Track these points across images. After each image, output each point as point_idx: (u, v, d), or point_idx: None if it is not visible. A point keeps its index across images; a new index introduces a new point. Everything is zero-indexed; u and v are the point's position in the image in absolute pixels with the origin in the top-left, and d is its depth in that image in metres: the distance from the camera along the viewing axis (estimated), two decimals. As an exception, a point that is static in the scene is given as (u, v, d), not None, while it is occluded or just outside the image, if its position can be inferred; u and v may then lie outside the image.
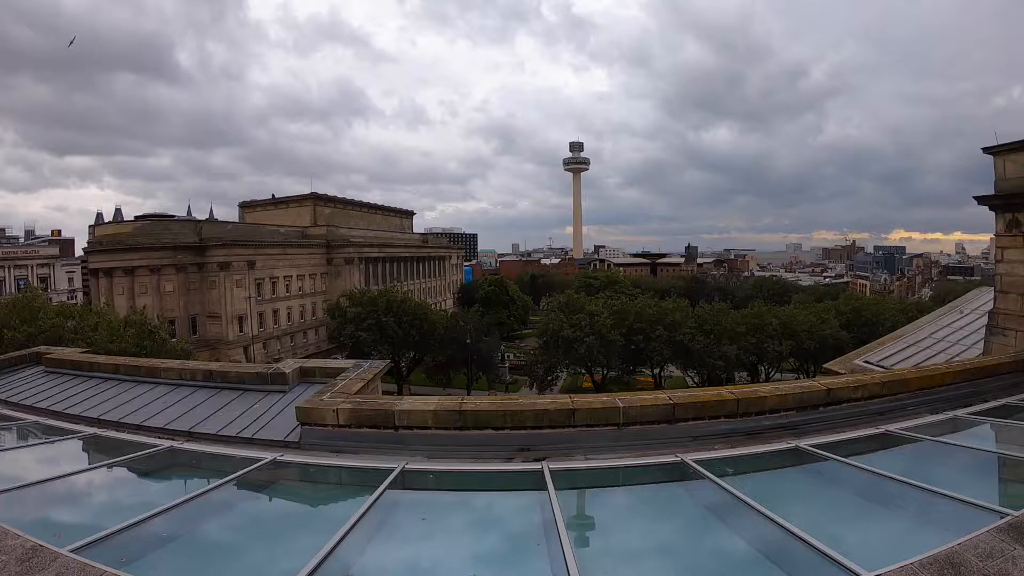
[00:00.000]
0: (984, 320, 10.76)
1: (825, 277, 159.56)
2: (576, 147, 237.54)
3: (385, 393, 10.42)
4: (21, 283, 63.43)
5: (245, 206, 78.69)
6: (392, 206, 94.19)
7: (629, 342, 43.38)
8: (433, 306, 64.46)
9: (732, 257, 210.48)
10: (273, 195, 78.68)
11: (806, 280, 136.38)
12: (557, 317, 46.15)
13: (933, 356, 11.86)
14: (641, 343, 43.61)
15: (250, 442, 6.74)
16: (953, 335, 12.74)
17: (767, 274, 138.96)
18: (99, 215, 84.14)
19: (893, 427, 6.39)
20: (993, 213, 9.90)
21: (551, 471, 5.25)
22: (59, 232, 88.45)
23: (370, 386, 8.17)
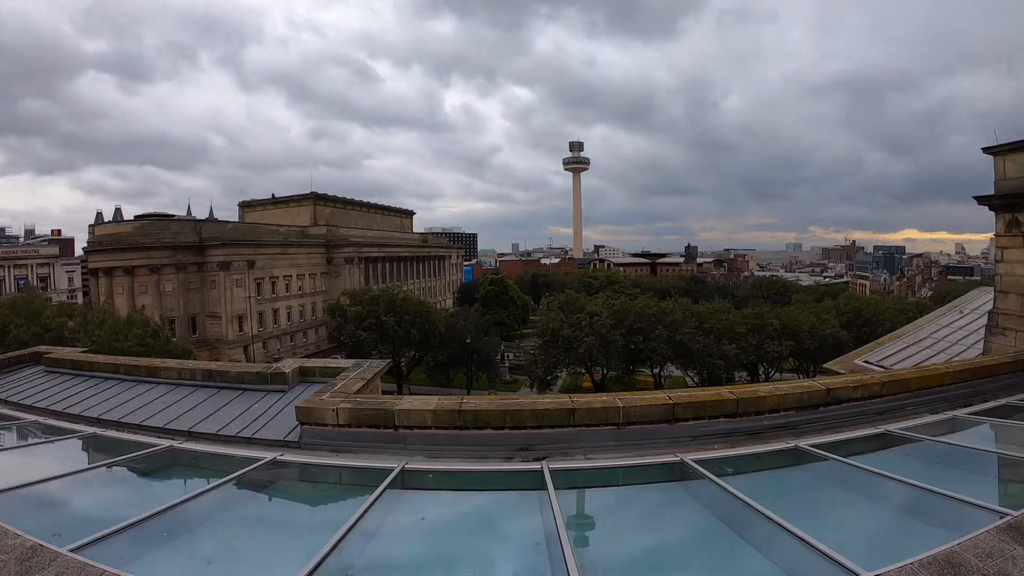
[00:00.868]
0: (984, 320, 10.76)
1: (825, 277, 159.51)
2: (576, 147, 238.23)
3: (385, 393, 10.42)
4: (21, 282, 63.61)
5: (245, 206, 78.84)
6: (392, 206, 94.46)
7: (629, 342, 43.32)
8: (433, 306, 64.41)
9: (732, 257, 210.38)
10: (273, 195, 78.83)
11: (806, 280, 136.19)
12: (557, 317, 46.12)
13: (933, 356, 11.85)
14: (641, 343, 43.56)
15: (250, 442, 6.73)
16: (953, 335, 12.73)
17: (767, 274, 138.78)
18: (99, 214, 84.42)
19: (893, 427, 6.39)
20: (993, 213, 9.92)
21: (551, 471, 5.25)
22: (59, 232, 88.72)
23: (370, 386, 8.16)
